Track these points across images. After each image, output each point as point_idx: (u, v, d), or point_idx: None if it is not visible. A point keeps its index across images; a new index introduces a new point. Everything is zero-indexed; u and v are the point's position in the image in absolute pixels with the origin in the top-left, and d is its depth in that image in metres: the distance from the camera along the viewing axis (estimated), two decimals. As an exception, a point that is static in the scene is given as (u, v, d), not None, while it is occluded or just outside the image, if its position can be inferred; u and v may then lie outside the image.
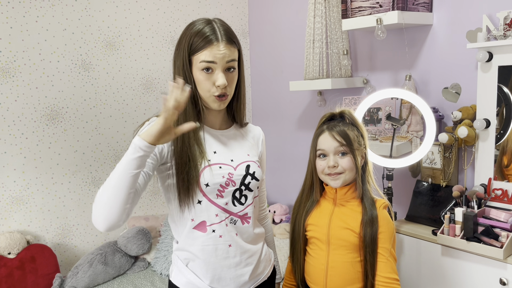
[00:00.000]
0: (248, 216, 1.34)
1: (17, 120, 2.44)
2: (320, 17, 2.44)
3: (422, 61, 2.20)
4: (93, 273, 2.38)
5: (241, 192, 1.33)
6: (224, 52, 1.24)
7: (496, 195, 1.84)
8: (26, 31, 2.43)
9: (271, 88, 3.14)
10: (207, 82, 1.25)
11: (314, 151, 1.47)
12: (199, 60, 1.24)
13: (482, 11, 1.94)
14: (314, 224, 1.48)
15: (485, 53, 1.81)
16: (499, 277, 1.65)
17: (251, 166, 1.35)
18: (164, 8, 2.91)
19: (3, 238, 2.31)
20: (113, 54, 2.73)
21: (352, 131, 1.44)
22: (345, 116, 1.49)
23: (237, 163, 1.33)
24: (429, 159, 2.09)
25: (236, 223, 1.32)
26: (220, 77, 1.24)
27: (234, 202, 1.32)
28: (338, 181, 1.43)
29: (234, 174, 1.31)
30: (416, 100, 1.91)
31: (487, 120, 1.85)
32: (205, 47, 1.23)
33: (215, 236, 1.29)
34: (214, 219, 1.29)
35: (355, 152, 1.42)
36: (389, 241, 1.41)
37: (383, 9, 2.06)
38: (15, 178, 2.45)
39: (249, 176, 1.34)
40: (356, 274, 1.41)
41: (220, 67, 1.24)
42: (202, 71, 1.24)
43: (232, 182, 1.30)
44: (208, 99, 1.28)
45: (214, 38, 1.23)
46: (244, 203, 1.33)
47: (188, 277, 1.32)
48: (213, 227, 1.29)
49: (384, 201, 1.46)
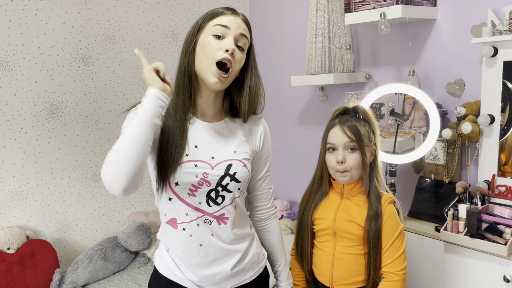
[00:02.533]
0: (225, 216, 1.25)
1: (16, 115, 2.41)
2: (322, 11, 2.41)
3: (426, 56, 2.18)
4: (93, 268, 2.37)
5: (218, 193, 1.23)
6: (240, 23, 1.21)
7: (500, 192, 1.83)
8: (25, 24, 2.41)
9: (272, 83, 3.12)
10: (215, 46, 1.17)
11: (325, 144, 1.48)
12: (212, 24, 1.19)
13: (487, 5, 1.92)
14: (321, 217, 1.50)
15: (490, 48, 1.79)
16: (503, 274, 1.63)
17: (233, 166, 1.24)
18: (165, 2, 2.88)
19: (3, 233, 2.30)
20: (113, 48, 2.71)
21: (363, 127, 1.44)
22: (359, 111, 1.48)
23: (217, 161, 1.23)
24: (432, 155, 2.07)
25: (211, 223, 1.24)
26: (231, 42, 1.18)
27: (209, 202, 1.23)
28: (345, 178, 1.44)
29: (210, 174, 1.21)
30: (420, 96, 1.89)
31: (492, 116, 1.83)
32: (219, 15, 1.21)
33: (185, 234, 1.24)
34: (184, 217, 1.23)
35: (364, 149, 1.42)
36: (394, 235, 1.42)
37: (387, 3, 2.03)
38: (15, 173, 2.43)
39: (228, 177, 1.23)
40: (360, 266, 1.44)
41: (232, 34, 1.19)
42: (212, 36, 1.18)
43: (207, 182, 1.21)
44: (208, 69, 1.17)
45: (230, 11, 1.23)
46: (221, 204, 1.24)
47: (168, 262, 1.28)
48: (183, 225, 1.24)
49: (390, 195, 1.47)
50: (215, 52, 1.16)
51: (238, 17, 1.23)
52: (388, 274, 1.42)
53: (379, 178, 1.49)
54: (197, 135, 1.25)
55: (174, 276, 1.27)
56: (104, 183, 1.10)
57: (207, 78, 1.18)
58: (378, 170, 1.49)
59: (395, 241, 1.43)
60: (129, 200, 2.85)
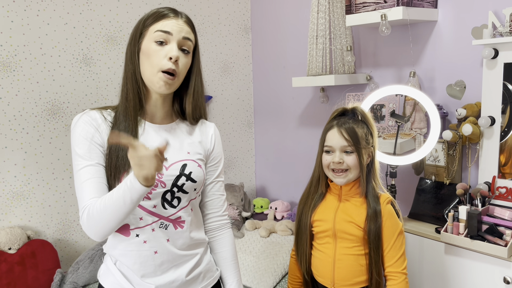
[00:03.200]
0: (181, 220, 1.21)
1: (17, 115, 2.42)
2: (323, 12, 2.42)
3: (427, 57, 2.18)
4: (94, 269, 2.37)
5: (173, 194, 1.19)
6: (182, 26, 1.17)
7: (500, 193, 1.83)
8: (27, 25, 2.41)
9: (273, 84, 3.12)
10: (158, 54, 1.13)
11: (322, 145, 1.48)
12: (154, 30, 1.15)
13: (488, 7, 1.92)
14: (320, 219, 1.50)
15: (491, 50, 1.80)
16: (503, 275, 1.64)
17: (188, 166, 1.21)
18: (166, 3, 2.89)
19: (4, 233, 2.30)
20: (115, 49, 2.72)
21: (361, 129, 1.44)
22: (357, 113, 1.48)
23: (171, 162, 1.19)
24: (433, 157, 2.07)
25: (167, 227, 1.19)
26: (174, 49, 1.14)
27: (165, 204, 1.18)
28: (342, 179, 1.44)
29: (165, 175, 1.17)
30: (421, 97, 1.89)
31: (492, 117, 1.84)
32: (162, 18, 1.16)
33: (139, 241, 1.17)
34: (138, 222, 1.17)
35: (361, 151, 1.42)
36: (394, 235, 1.42)
37: (388, 5, 2.04)
38: (16, 173, 2.44)
39: (183, 177, 1.20)
40: (361, 267, 1.45)
41: (175, 40, 1.15)
42: (155, 42, 1.14)
43: (162, 183, 1.16)
44: (153, 77, 1.14)
45: (172, 13, 1.18)
46: (177, 206, 1.20)
47: (116, 276, 1.20)
48: (137, 231, 1.17)
49: (388, 196, 1.47)
50: (160, 60, 1.14)
51: (180, 19, 1.18)
52: (395, 275, 1.42)
53: (377, 180, 1.49)
54: (148, 138, 1.20)
55: None
56: (82, 228, 1.14)
57: (154, 84, 1.16)
58: (376, 172, 1.49)
59: (396, 241, 1.43)
60: (130, 200, 2.85)
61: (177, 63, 1.15)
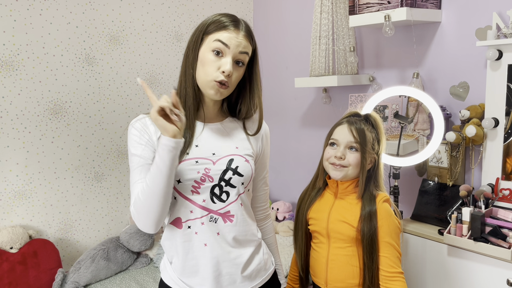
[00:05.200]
0: (230, 214, 1.25)
1: (20, 114, 2.42)
2: (326, 13, 2.41)
3: (430, 58, 2.18)
4: (96, 268, 2.37)
5: (221, 189, 1.23)
6: (241, 41, 1.20)
7: (503, 195, 1.82)
8: (29, 24, 2.41)
9: (275, 84, 3.12)
10: (213, 65, 1.19)
11: (328, 139, 1.48)
12: (213, 39, 1.19)
13: (492, 8, 1.91)
14: (315, 218, 1.50)
15: (495, 51, 1.79)
16: (507, 278, 1.63)
17: (235, 160, 1.25)
18: (169, 3, 2.88)
19: (6, 233, 2.30)
20: (117, 49, 2.71)
21: (370, 133, 1.44)
22: (370, 118, 1.48)
23: (218, 157, 1.24)
24: (436, 158, 2.07)
25: (216, 221, 1.23)
26: (228, 63, 1.19)
27: (213, 199, 1.23)
28: (339, 173, 1.43)
29: (212, 169, 1.22)
30: (424, 98, 1.89)
31: (496, 119, 1.83)
32: (223, 29, 1.20)
33: (191, 232, 1.23)
34: (189, 215, 1.23)
35: (366, 151, 1.41)
36: (390, 234, 1.39)
37: (391, 6, 2.03)
38: (18, 173, 2.44)
39: (230, 171, 1.24)
40: (354, 268, 1.43)
41: (231, 53, 1.19)
42: (212, 52, 1.19)
43: (209, 177, 1.22)
44: (207, 84, 1.20)
45: (234, 25, 1.21)
46: (226, 200, 1.24)
47: (170, 273, 1.30)
48: (188, 223, 1.24)
49: (384, 194, 1.45)
50: (213, 72, 1.19)
51: (240, 32, 1.21)
52: (393, 275, 1.38)
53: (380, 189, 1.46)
54: (198, 136, 1.26)
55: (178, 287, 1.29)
56: (135, 221, 1.20)
57: (206, 91, 1.22)
58: (379, 180, 1.47)
59: (392, 240, 1.40)
60: (132, 200, 2.85)
61: (229, 76, 1.20)
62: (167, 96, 1.12)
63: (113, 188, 2.77)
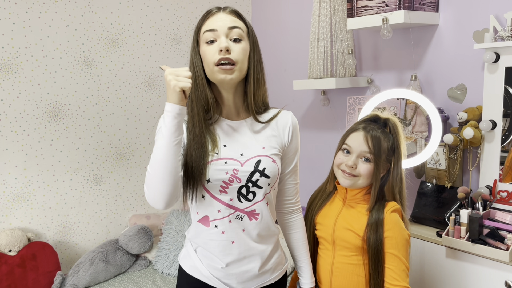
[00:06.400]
0: (256, 212, 1.28)
1: (19, 117, 2.42)
2: (325, 15, 2.42)
3: (428, 61, 2.19)
4: (94, 271, 2.37)
5: (248, 189, 1.26)
6: (226, 18, 1.22)
7: (501, 197, 1.83)
8: (28, 27, 2.42)
9: (274, 86, 3.13)
10: (211, 51, 1.20)
11: (342, 143, 1.42)
12: (202, 32, 1.23)
13: (489, 11, 1.92)
14: (321, 223, 1.47)
15: (492, 53, 1.80)
16: (505, 279, 1.63)
17: (262, 162, 1.26)
18: (168, 6, 2.89)
19: (4, 235, 2.30)
20: (116, 51, 2.72)
21: (387, 142, 1.38)
22: (389, 124, 1.41)
23: (246, 158, 1.26)
24: (434, 160, 2.07)
25: (242, 219, 1.27)
26: (224, 41, 1.19)
27: (240, 198, 1.26)
28: (348, 181, 1.39)
29: (240, 171, 1.24)
30: (422, 101, 1.90)
31: (493, 121, 1.84)
32: (206, 18, 1.24)
33: (218, 231, 1.27)
34: (216, 214, 1.26)
35: (380, 163, 1.36)
36: (397, 246, 1.34)
37: (389, 9, 2.04)
38: (17, 175, 2.44)
39: (257, 173, 1.26)
40: (360, 278, 1.39)
41: (222, 33, 1.21)
42: (206, 44, 1.22)
43: (237, 178, 1.24)
44: (213, 73, 1.21)
45: (216, 9, 1.25)
46: (252, 200, 1.27)
47: (195, 262, 1.31)
48: (216, 222, 1.26)
49: (394, 204, 1.39)
50: (212, 56, 1.20)
51: (222, 12, 1.24)
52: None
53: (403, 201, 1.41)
54: (225, 135, 1.28)
55: (201, 275, 1.31)
56: (147, 201, 1.20)
57: (217, 80, 1.23)
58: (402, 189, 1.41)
59: (399, 252, 1.34)
60: (131, 203, 2.86)
61: (229, 52, 1.19)
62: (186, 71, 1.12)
63: (112, 191, 2.77)
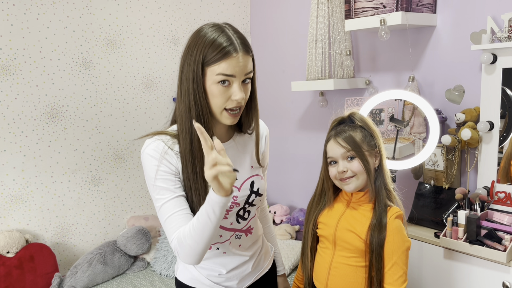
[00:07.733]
0: (251, 228, 1.35)
1: (17, 118, 2.42)
2: (323, 17, 2.43)
3: (426, 62, 2.19)
4: (92, 272, 2.36)
5: (245, 210, 1.31)
6: (243, 64, 1.14)
7: (499, 198, 1.83)
8: (26, 28, 2.42)
9: (272, 88, 3.13)
10: (223, 96, 1.14)
11: (325, 158, 1.46)
12: (215, 72, 1.12)
13: (487, 12, 1.93)
14: (324, 222, 1.47)
15: (490, 55, 1.80)
16: (502, 280, 1.64)
17: (255, 182, 1.30)
18: (166, 7, 2.89)
19: (2, 237, 2.30)
20: (114, 53, 2.72)
21: (360, 133, 1.41)
22: (355, 119, 1.45)
23: (241, 182, 1.28)
24: (432, 161, 2.07)
25: (240, 237, 1.33)
26: (239, 91, 1.14)
27: (238, 220, 1.30)
28: (351, 185, 1.40)
29: (239, 196, 1.27)
30: (420, 102, 1.90)
31: (491, 122, 1.84)
32: (222, 59, 1.12)
33: (219, 252, 1.32)
34: (218, 239, 1.29)
35: (363, 155, 1.39)
36: (397, 253, 1.35)
37: (387, 10, 2.04)
38: (15, 177, 2.43)
39: (253, 194, 1.30)
40: (359, 279, 1.39)
41: (238, 80, 1.15)
42: (218, 84, 1.13)
43: (236, 204, 1.27)
44: (220, 114, 1.18)
45: (232, 49, 1.12)
46: (248, 218, 1.32)
47: (194, 274, 1.34)
48: (217, 245, 1.31)
49: (397, 210, 1.40)
50: (224, 101, 1.16)
51: (238, 54, 1.13)
52: None
53: (389, 186, 1.43)
54: None
55: (202, 285, 1.34)
56: (178, 257, 1.19)
57: (221, 120, 1.19)
58: (385, 175, 1.43)
59: (399, 258, 1.35)
60: (129, 204, 2.85)
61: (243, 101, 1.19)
62: (218, 141, 1.03)
63: (110, 192, 2.77)
